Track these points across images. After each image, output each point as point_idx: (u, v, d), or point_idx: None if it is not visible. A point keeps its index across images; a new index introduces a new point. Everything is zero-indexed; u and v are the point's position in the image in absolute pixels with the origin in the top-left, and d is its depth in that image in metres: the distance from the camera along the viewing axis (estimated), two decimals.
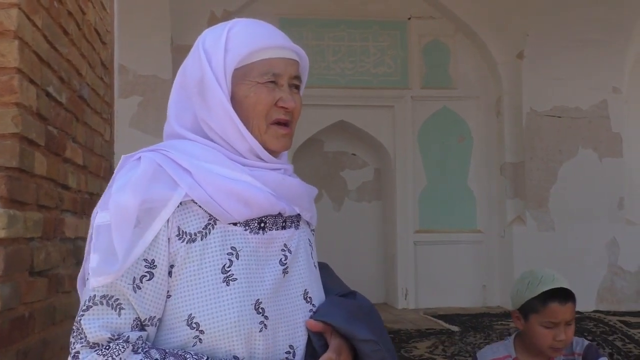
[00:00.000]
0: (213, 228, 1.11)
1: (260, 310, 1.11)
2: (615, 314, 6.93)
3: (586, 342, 2.02)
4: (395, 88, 7.99)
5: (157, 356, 1.04)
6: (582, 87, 7.45)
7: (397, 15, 7.99)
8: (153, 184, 1.09)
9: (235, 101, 1.16)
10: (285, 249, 1.18)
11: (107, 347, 1.03)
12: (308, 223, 1.30)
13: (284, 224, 1.19)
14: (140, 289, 1.07)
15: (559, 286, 1.94)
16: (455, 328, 6.22)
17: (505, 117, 7.78)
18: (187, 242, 1.10)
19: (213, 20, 7.29)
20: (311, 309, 1.20)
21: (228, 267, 1.10)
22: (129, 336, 1.04)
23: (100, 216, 1.09)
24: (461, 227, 8.03)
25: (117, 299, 1.05)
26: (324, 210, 8.42)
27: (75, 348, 1.04)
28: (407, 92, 8.00)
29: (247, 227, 1.14)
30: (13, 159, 1.96)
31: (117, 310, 1.05)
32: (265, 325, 1.11)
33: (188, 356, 1.06)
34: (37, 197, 2.14)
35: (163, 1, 6.17)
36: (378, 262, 8.45)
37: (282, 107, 1.18)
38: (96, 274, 1.05)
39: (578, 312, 7.30)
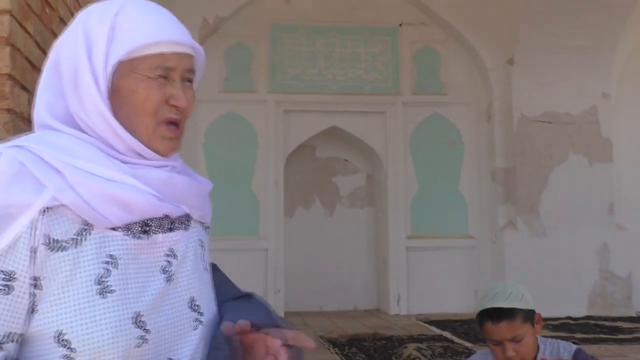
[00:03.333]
0: (89, 234, 0.99)
1: (140, 324, 1.00)
2: (606, 319, 6.96)
3: (574, 347, 1.99)
4: (387, 94, 8.01)
5: None
6: (571, 92, 7.51)
7: (388, 21, 8.03)
8: (12, 186, 0.95)
9: (120, 94, 1.03)
10: (170, 254, 1.07)
11: None
12: (201, 222, 1.17)
13: (171, 225, 1.07)
14: None
15: (491, 306, 1.91)
16: (447, 334, 6.22)
17: (496, 122, 7.83)
18: (57, 251, 0.97)
19: (205, 27, 7.30)
20: (197, 318, 1.08)
21: (105, 277, 0.99)
22: None
23: None
24: (453, 233, 8.04)
25: None
26: (316, 216, 8.42)
27: None
28: (398, 98, 8.02)
29: (128, 232, 1.02)
30: None
31: None
32: (145, 339, 1.00)
33: None
34: None
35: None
36: (370, 268, 8.45)
37: (173, 106, 1.05)
38: None
39: (569, 318, 7.24)
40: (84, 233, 0.99)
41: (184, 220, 1.10)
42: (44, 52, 2.30)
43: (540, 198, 7.50)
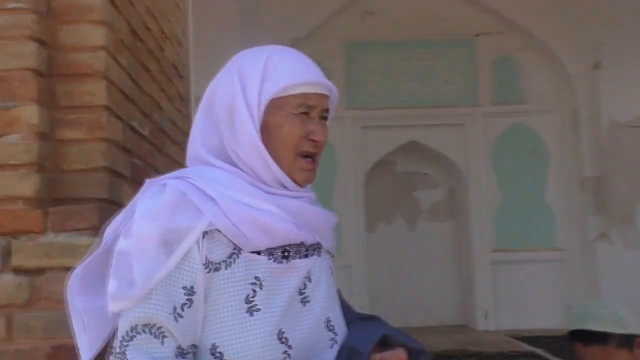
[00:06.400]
0: (237, 257, 1.10)
1: (284, 340, 1.10)
2: None
3: None
4: (465, 106, 7.90)
5: None
6: None
7: (464, 32, 7.93)
8: (177, 212, 1.08)
9: (268, 129, 1.16)
10: (307, 277, 1.17)
11: None
12: (328, 251, 1.28)
13: (306, 252, 1.18)
14: (182, 317, 1.06)
15: (582, 328, 1.80)
16: (540, 351, 5.99)
17: (582, 129, 7.53)
18: (212, 272, 1.08)
19: None
20: (333, 337, 1.18)
21: (252, 297, 1.09)
22: (173, 356, 1.04)
23: (121, 242, 1.08)
24: (540, 246, 7.77)
25: (160, 327, 1.05)
26: (398, 231, 8.36)
27: None
28: (477, 110, 7.89)
29: (270, 256, 1.13)
30: (103, 191, 2.08)
31: (161, 339, 1.05)
32: (289, 354, 1.10)
33: None
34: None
35: (234, 33, 6.39)
36: (455, 283, 8.28)
37: (312, 140, 1.17)
38: (114, 299, 1.06)
39: None
40: (233, 256, 1.11)
41: (316, 248, 1.21)
42: (135, 83, 2.45)
43: (636, 208, 7.12)
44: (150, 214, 1.08)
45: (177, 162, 3.44)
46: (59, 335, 1.91)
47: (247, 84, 1.16)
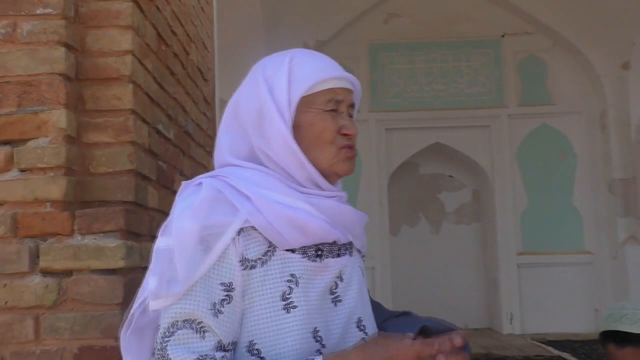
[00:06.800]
0: (272, 255, 1.11)
1: (319, 338, 1.11)
2: None
3: None
4: (491, 107, 7.82)
5: None
6: None
7: (490, 33, 7.86)
8: (214, 209, 1.09)
9: (300, 129, 1.16)
10: (338, 277, 1.17)
11: None
12: (359, 250, 1.29)
13: (338, 251, 1.18)
14: (222, 313, 1.07)
15: (615, 329, 1.76)
16: (567, 355, 5.91)
17: (611, 131, 7.40)
18: (248, 269, 1.09)
19: None
20: (363, 337, 1.17)
21: (288, 294, 1.10)
22: (214, 356, 1.04)
23: (160, 240, 1.10)
24: (568, 248, 7.66)
25: (200, 322, 1.05)
26: (422, 233, 8.32)
27: None
28: (503, 111, 7.80)
29: (304, 255, 1.13)
30: (129, 193, 2.10)
31: (201, 333, 1.05)
32: (322, 353, 1.10)
33: None
34: (151, 229, 2.27)
35: (258, 36, 6.42)
36: (480, 286, 8.21)
37: (344, 134, 1.19)
38: (154, 297, 1.06)
39: None
40: (268, 254, 1.11)
41: (348, 247, 1.21)
42: (161, 87, 2.48)
43: None
44: (188, 211, 1.09)
45: (201, 165, 3.47)
46: (85, 337, 1.94)
47: (274, 86, 1.17)
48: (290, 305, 1.10)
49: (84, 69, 2.09)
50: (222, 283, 1.07)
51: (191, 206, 1.09)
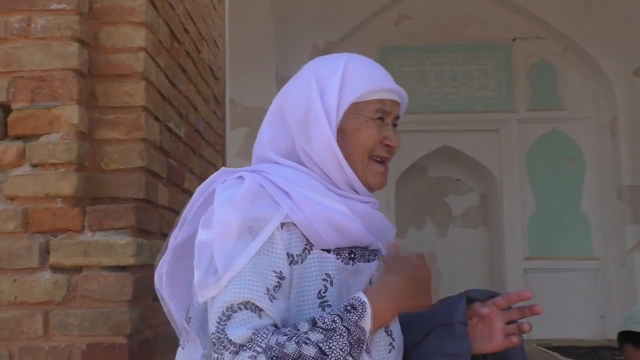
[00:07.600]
0: (309, 253, 1.13)
1: None
2: None
3: None
4: (500, 111, 7.79)
5: (306, 328, 1.03)
6: None
7: (501, 37, 7.83)
8: (255, 202, 1.10)
9: (345, 133, 1.18)
10: (370, 281, 1.19)
11: (251, 340, 1.01)
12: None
13: (369, 256, 1.20)
14: (276, 299, 1.07)
15: (636, 330, 1.76)
16: None
17: (621, 137, 7.36)
18: (290, 264, 1.10)
19: (315, 52, 7.48)
20: (391, 342, 1.19)
21: (323, 292, 1.12)
22: (271, 329, 1.04)
23: (202, 234, 1.10)
24: (575, 254, 7.62)
25: (256, 305, 1.05)
26: (429, 236, 8.29)
27: (223, 359, 1.02)
28: (512, 115, 7.77)
29: (338, 256, 1.15)
30: (140, 190, 2.10)
31: (258, 313, 1.05)
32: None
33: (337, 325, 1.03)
34: (161, 226, 2.27)
35: (268, 35, 6.42)
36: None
37: (386, 145, 1.22)
38: (201, 289, 1.06)
39: None
40: (306, 251, 1.13)
41: (377, 253, 1.24)
42: (173, 84, 2.47)
43: None
44: (230, 202, 1.09)
45: (211, 164, 3.47)
46: (94, 333, 1.94)
47: (325, 88, 1.18)
48: (326, 304, 1.11)
49: (97, 65, 2.09)
50: (273, 271, 1.08)
51: (232, 198, 1.10)
